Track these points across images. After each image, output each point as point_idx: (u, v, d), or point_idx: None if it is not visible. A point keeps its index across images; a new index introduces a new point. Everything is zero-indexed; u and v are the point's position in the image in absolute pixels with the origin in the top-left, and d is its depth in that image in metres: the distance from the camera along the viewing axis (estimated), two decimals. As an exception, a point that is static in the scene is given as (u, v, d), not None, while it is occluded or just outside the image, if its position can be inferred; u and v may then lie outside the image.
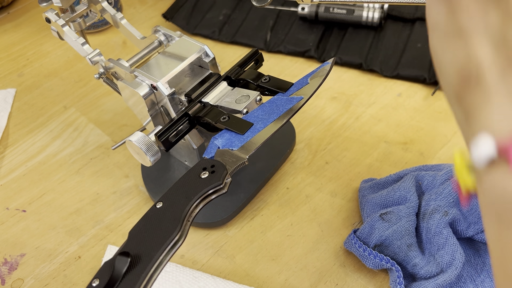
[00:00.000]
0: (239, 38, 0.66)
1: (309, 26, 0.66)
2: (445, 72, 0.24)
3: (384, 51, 0.61)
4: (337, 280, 0.42)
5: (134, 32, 0.48)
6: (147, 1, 0.75)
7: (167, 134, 0.39)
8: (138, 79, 0.41)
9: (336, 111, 0.56)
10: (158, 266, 0.30)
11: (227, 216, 0.46)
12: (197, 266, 0.44)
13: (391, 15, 0.65)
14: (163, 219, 0.32)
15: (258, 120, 0.38)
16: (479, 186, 0.21)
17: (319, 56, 0.62)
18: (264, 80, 0.42)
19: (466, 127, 0.22)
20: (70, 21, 0.47)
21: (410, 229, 0.41)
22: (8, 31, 0.72)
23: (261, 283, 0.42)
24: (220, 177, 0.34)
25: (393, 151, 0.52)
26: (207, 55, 0.43)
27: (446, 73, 0.23)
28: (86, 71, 0.64)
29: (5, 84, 0.63)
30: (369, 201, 0.44)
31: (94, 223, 0.48)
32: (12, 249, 0.46)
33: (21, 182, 0.52)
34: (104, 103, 0.60)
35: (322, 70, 0.41)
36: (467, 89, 0.22)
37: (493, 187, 0.20)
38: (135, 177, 0.51)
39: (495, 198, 0.20)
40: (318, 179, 0.50)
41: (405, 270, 0.40)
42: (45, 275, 0.44)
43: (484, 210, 0.21)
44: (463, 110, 0.23)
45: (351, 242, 0.42)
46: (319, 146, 0.53)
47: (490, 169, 0.20)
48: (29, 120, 0.59)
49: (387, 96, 0.57)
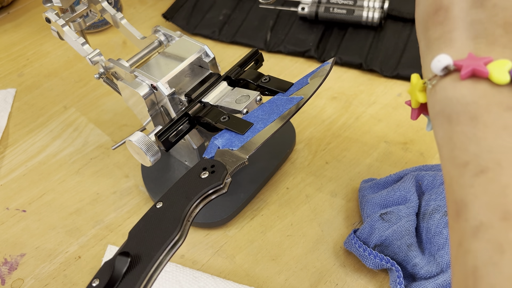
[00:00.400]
0: (239, 38, 0.66)
1: (309, 26, 0.66)
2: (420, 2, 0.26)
3: (384, 51, 0.61)
4: (337, 280, 0.42)
5: (134, 32, 0.48)
6: (147, 1, 0.75)
7: (167, 134, 0.39)
8: (138, 79, 0.41)
9: (336, 111, 0.56)
10: (158, 266, 0.30)
11: (227, 216, 0.46)
12: (197, 266, 0.44)
13: (391, 15, 0.65)
14: (163, 219, 0.32)
15: (258, 120, 0.38)
16: (432, 98, 0.25)
17: (319, 56, 0.62)
18: (264, 80, 0.42)
19: (427, 53, 0.26)
20: (70, 21, 0.47)
21: (410, 229, 0.41)
22: (8, 31, 0.72)
23: (261, 283, 0.42)
24: (220, 177, 0.34)
25: (393, 151, 0.52)
26: (207, 55, 0.43)
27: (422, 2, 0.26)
28: (86, 71, 0.64)
29: (5, 84, 0.64)
30: (369, 201, 0.44)
31: (94, 223, 0.48)
32: (12, 249, 0.46)
33: (21, 182, 0.52)
34: (104, 103, 0.60)
35: (322, 70, 0.41)
36: (435, 19, 0.25)
37: (444, 93, 0.24)
38: (135, 177, 0.51)
39: (445, 101, 0.24)
40: (318, 179, 0.50)
41: (405, 270, 0.40)
42: (45, 275, 0.44)
43: (435, 118, 0.25)
44: (427, 38, 0.26)
45: (351, 242, 0.42)
46: (319, 146, 0.53)
47: (444, 78, 0.24)
48: (29, 120, 0.59)
49: (387, 96, 0.57)
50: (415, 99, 0.27)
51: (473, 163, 0.22)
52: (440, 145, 0.24)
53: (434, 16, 0.25)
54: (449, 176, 0.23)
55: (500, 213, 0.20)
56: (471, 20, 0.24)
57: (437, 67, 0.24)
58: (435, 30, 0.25)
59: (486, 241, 0.20)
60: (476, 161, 0.22)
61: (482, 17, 0.24)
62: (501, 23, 0.23)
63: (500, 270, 0.19)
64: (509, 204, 0.20)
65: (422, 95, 0.26)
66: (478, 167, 0.21)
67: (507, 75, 0.22)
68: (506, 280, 0.19)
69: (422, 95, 0.26)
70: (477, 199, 0.21)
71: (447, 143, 0.24)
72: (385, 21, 0.65)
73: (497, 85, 0.22)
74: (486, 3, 0.24)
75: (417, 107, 0.27)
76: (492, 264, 0.19)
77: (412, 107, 0.28)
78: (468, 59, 0.23)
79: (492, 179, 0.21)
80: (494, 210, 0.20)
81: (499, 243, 0.20)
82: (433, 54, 0.25)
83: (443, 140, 0.24)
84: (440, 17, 0.25)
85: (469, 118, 0.22)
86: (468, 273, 0.21)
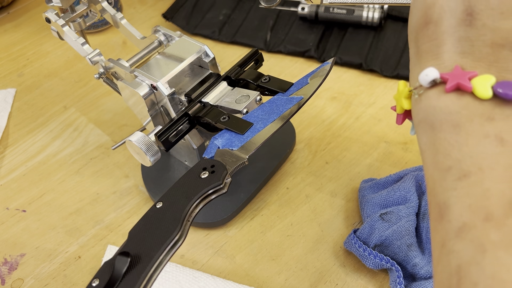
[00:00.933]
0: (239, 38, 0.66)
1: (309, 26, 0.66)
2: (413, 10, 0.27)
3: (384, 51, 0.61)
4: (337, 280, 0.42)
5: (134, 32, 0.48)
6: (147, 1, 0.75)
7: (167, 134, 0.39)
8: (138, 79, 0.41)
9: (336, 111, 0.56)
10: (158, 266, 0.30)
11: (227, 216, 0.46)
12: (197, 266, 0.44)
13: (391, 15, 0.65)
14: (163, 219, 0.32)
15: (258, 120, 0.38)
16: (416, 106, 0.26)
17: (319, 56, 0.62)
18: (264, 80, 0.42)
19: (416, 63, 0.27)
20: (70, 21, 0.47)
21: (410, 229, 0.41)
22: (8, 31, 0.72)
23: (261, 283, 0.42)
24: (220, 177, 0.34)
25: (393, 151, 0.52)
26: (207, 55, 0.43)
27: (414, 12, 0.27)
28: (86, 71, 0.64)
29: (5, 84, 0.64)
30: (369, 201, 0.44)
31: (94, 223, 0.48)
32: (12, 249, 0.46)
33: (21, 182, 0.52)
34: (104, 103, 0.60)
35: (322, 70, 0.41)
36: (425, 32, 0.26)
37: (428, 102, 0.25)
38: (135, 177, 0.51)
39: (429, 110, 0.25)
40: (318, 179, 0.50)
41: (405, 270, 0.40)
42: (45, 275, 0.44)
43: (419, 125, 0.26)
44: (417, 48, 0.26)
45: (351, 242, 0.42)
46: (319, 146, 0.53)
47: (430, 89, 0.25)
48: (29, 120, 0.59)
49: (387, 96, 0.57)
50: (400, 106, 0.28)
51: (455, 167, 0.23)
52: (423, 151, 0.25)
53: (424, 28, 0.26)
54: (432, 180, 0.24)
55: (483, 214, 0.21)
56: (459, 37, 0.24)
57: (424, 80, 0.25)
58: (425, 43, 0.26)
59: (469, 241, 0.21)
60: (458, 166, 0.22)
61: (470, 35, 0.24)
62: (488, 43, 0.24)
63: (483, 269, 0.20)
64: (491, 206, 0.21)
65: (407, 102, 0.27)
66: (461, 171, 0.22)
67: (490, 90, 0.22)
68: (488, 278, 0.19)
69: (407, 102, 0.27)
70: (460, 201, 0.22)
71: (430, 148, 0.24)
72: (385, 21, 0.65)
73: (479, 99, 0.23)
74: (475, 23, 0.24)
75: (402, 112, 0.29)
76: (475, 263, 0.20)
77: (397, 112, 0.29)
78: (454, 72, 0.24)
79: (474, 183, 0.22)
80: (476, 211, 0.21)
81: (482, 243, 0.20)
82: (421, 65, 0.26)
83: (426, 145, 0.25)
84: (430, 31, 0.26)
85: (452, 126, 0.23)
86: (452, 272, 0.21)
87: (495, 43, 0.24)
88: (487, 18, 0.24)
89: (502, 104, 0.22)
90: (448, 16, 0.25)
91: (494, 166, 0.21)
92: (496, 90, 0.22)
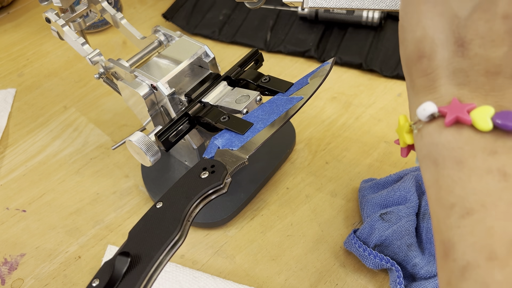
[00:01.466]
0: (239, 38, 0.66)
1: (309, 26, 0.66)
2: (404, 42, 0.27)
3: (384, 51, 0.61)
4: (337, 280, 0.42)
5: (134, 32, 0.48)
6: (147, 1, 0.75)
7: (167, 134, 0.39)
8: (138, 79, 0.41)
9: (336, 111, 0.56)
10: (158, 266, 0.30)
11: (227, 216, 0.46)
12: (197, 266, 0.44)
13: (391, 15, 0.65)
14: (163, 219, 0.32)
15: (258, 120, 0.38)
16: (418, 142, 0.26)
17: (319, 56, 0.62)
18: (264, 80, 0.42)
19: (413, 96, 0.26)
20: (70, 21, 0.47)
21: (410, 229, 0.41)
22: (8, 31, 0.72)
23: (261, 283, 0.42)
24: (220, 177, 0.34)
25: (393, 151, 0.52)
26: (207, 55, 0.43)
27: (405, 45, 0.26)
28: (86, 71, 0.64)
29: (5, 84, 0.64)
30: (369, 201, 0.44)
31: (94, 223, 0.48)
32: (12, 249, 0.46)
33: (21, 182, 0.52)
34: (104, 103, 0.60)
35: (322, 70, 0.41)
36: (419, 66, 0.25)
37: (430, 138, 0.25)
38: (135, 177, 0.51)
39: (431, 146, 0.24)
40: (318, 179, 0.50)
41: (405, 270, 0.40)
42: (45, 275, 0.44)
43: (422, 161, 0.25)
44: (413, 83, 0.26)
45: (351, 242, 0.42)
46: (319, 146, 0.53)
47: (429, 123, 0.25)
48: (29, 120, 0.59)
49: (387, 96, 0.57)
50: (403, 140, 0.28)
51: (459, 205, 0.22)
52: (427, 187, 0.25)
53: (417, 63, 0.26)
54: (436, 217, 0.24)
55: (486, 253, 0.21)
56: (454, 69, 0.24)
57: (422, 115, 0.25)
58: (420, 78, 0.26)
59: (473, 281, 0.21)
60: (461, 203, 0.22)
61: (464, 66, 0.24)
62: (483, 72, 0.24)
63: None
64: (494, 244, 0.21)
65: (409, 137, 0.27)
66: (464, 209, 0.22)
67: (490, 122, 0.22)
68: None
69: (409, 136, 0.27)
70: (463, 240, 0.22)
71: (433, 185, 0.24)
72: (385, 21, 0.65)
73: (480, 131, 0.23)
74: (468, 53, 0.24)
75: (405, 147, 0.29)
76: None
77: (400, 146, 0.29)
78: (452, 105, 0.24)
79: (477, 221, 0.22)
80: (480, 250, 0.21)
81: (486, 283, 0.20)
82: (419, 99, 0.26)
83: (429, 182, 0.25)
84: (424, 65, 0.25)
85: (455, 162, 0.23)
86: None
87: (489, 72, 0.24)
88: (479, 48, 0.24)
89: (503, 136, 0.22)
90: (440, 49, 0.25)
91: (497, 203, 0.21)
92: (495, 121, 0.22)
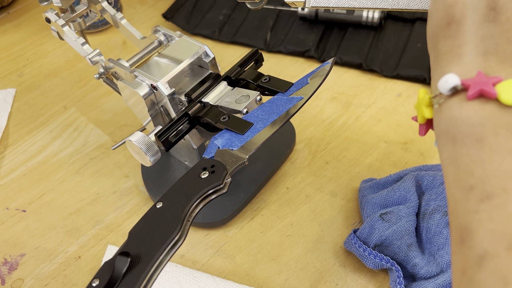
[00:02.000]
0: (239, 38, 0.66)
1: (309, 26, 0.66)
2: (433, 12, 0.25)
3: (384, 51, 0.61)
4: (337, 280, 0.42)
5: (134, 32, 0.48)
6: (147, 1, 0.75)
7: (167, 134, 0.39)
8: (138, 79, 0.41)
9: (336, 111, 0.56)
10: (158, 266, 0.30)
11: (227, 216, 0.46)
12: (197, 266, 0.44)
13: (391, 15, 0.65)
14: (163, 219, 0.32)
15: (258, 120, 0.38)
16: (437, 116, 0.24)
17: (319, 56, 0.62)
18: (264, 80, 0.42)
19: (435, 67, 0.25)
20: (70, 21, 0.47)
21: (410, 229, 0.41)
22: (8, 31, 0.72)
23: (261, 283, 0.42)
24: (220, 177, 0.34)
25: (393, 151, 0.52)
26: (207, 55, 0.43)
27: (434, 13, 0.25)
28: (86, 71, 0.64)
29: (5, 84, 0.64)
30: (369, 201, 0.44)
31: (94, 223, 0.48)
32: (12, 249, 0.46)
33: (21, 182, 0.52)
34: (104, 103, 0.60)
35: (322, 70, 0.41)
36: (446, 32, 0.24)
37: (450, 112, 0.23)
38: (135, 177, 0.51)
39: (449, 121, 0.23)
40: (318, 179, 0.50)
41: (405, 270, 0.40)
42: (45, 275, 0.44)
43: (440, 138, 0.24)
44: (437, 51, 0.25)
45: (351, 242, 0.42)
46: (319, 146, 0.53)
47: (451, 97, 0.23)
48: (29, 120, 0.59)
49: (387, 96, 0.57)
50: (421, 115, 0.26)
51: (478, 187, 0.21)
52: (444, 166, 0.24)
53: (445, 29, 0.24)
54: (454, 200, 0.23)
55: (506, 243, 0.20)
56: (483, 35, 0.23)
57: (444, 88, 0.23)
58: (445, 44, 0.24)
59: (490, 271, 0.20)
60: (481, 186, 0.21)
61: (494, 32, 0.23)
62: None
63: None
64: None
65: (429, 111, 0.25)
66: (484, 192, 0.21)
67: None
68: None
69: (429, 110, 0.25)
70: (482, 226, 0.21)
71: (451, 164, 0.23)
72: (385, 21, 0.65)
73: (505, 106, 0.21)
74: (500, 17, 0.23)
75: (424, 122, 0.27)
76: None
77: (418, 122, 0.27)
78: (477, 78, 0.22)
79: (498, 206, 0.20)
80: (499, 239, 0.20)
81: (504, 275, 0.19)
82: (441, 69, 0.24)
83: (447, 161, 0.23)
84: (452, 30, 0.24)
85: (475, 140, 0.22)
86: None
87: None
88: None
89: None
90: (471, 13, 0.23)
91: None
92: None
